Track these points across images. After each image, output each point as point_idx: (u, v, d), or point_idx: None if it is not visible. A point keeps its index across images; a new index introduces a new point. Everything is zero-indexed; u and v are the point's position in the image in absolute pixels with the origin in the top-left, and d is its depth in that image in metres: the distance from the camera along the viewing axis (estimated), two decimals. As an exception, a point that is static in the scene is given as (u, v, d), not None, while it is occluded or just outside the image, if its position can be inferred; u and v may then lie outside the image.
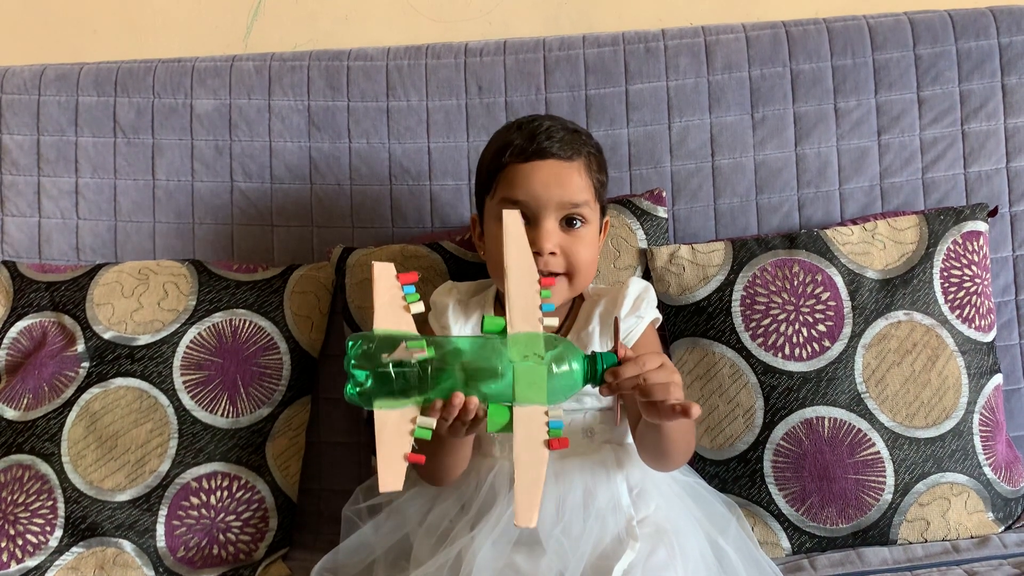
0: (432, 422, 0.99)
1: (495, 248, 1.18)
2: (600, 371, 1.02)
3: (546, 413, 0.98)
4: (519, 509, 0.94)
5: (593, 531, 1.12)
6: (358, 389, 0.98)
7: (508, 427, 0.98)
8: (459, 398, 0.98)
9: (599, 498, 1.15)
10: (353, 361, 0.98)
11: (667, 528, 1.15)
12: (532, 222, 1.17)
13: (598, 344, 1.21)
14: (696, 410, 0.99)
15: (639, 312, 1.22)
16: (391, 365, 0.97)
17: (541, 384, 0.98)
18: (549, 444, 0.96)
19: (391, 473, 0.95)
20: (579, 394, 1.18)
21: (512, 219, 1.05)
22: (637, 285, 1.25)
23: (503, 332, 1.00)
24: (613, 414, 1.21)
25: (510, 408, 0.98)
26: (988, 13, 1.52)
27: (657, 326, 1.28)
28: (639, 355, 1.03)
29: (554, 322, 1.02)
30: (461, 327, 1.25)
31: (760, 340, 1.35)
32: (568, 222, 1.18)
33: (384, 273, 1.02)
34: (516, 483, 0.95)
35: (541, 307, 1.02)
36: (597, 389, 1.03)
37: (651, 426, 1.09)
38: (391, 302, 1.01)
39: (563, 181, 1.17)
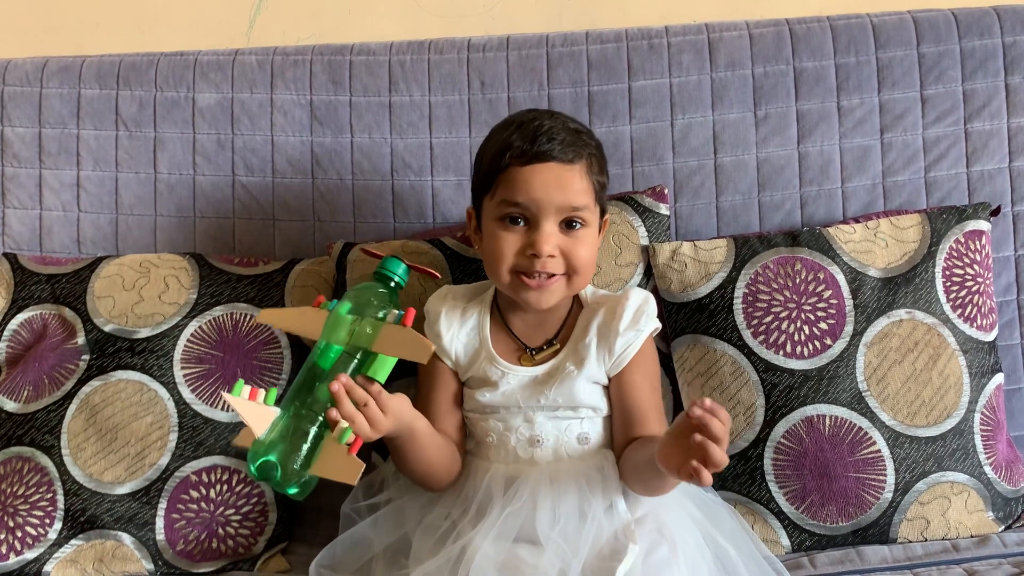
0: (342, 427, 1.04)
1: (491, 247, 1.18)
2: (392, 274, 1.16)
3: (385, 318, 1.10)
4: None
5: (591, 532, 1.12)
6: (296, 485, 1.06)
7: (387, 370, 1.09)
8: (337, 388, 1.03)
9: (594, 502, 1.15)
10: (260, 468, 1.04)
11: (667, 525, 1.16)
12: (531, 224, 1.16)
13: (594, 357, 1.20)
14: (708, 481, 0.97)
15: (638, 326, 1.21)
16: (278, 440, 1.05)
17: (378, 321, 1.10)
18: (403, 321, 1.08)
19: (348, 469, 1.04)
20: (575, 404, 1.20)
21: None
22: (637, 297, 1.23)
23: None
24: (610, 420, 1.22)
25: (373, 355, 1.09)
26: (992, 12, 1.52)
27: (656, 333, 1.27)
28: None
29: None
30: (455, 333, 1.24)
31: (762, 338, 1.34)
32: (568, 224, 1.17)
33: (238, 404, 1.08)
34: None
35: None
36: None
37: (653, 467, 1.06)
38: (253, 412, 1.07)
39: (564, 185, 1.15)
